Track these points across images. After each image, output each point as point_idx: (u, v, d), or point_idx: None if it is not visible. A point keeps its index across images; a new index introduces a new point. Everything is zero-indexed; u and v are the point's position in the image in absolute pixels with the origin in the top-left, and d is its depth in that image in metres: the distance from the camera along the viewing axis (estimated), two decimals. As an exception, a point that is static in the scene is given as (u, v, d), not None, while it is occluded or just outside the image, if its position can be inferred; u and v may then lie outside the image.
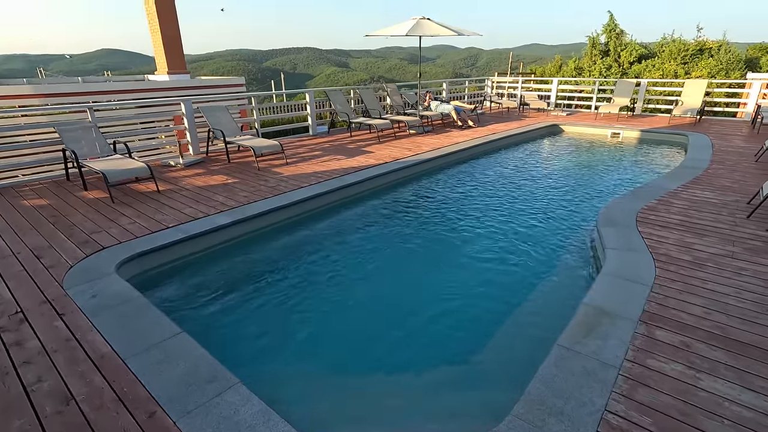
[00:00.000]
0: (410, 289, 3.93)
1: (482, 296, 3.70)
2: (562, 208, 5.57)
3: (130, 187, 5.68)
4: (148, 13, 11.98)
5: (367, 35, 9.00)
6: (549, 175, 7.15)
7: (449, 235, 4.93)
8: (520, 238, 4.72)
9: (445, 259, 4.45)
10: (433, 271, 4.25)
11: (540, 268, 4.11)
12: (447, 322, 3.36)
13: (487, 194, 6.19)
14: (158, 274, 3.94)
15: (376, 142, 8.71)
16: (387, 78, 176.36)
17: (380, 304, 3.71)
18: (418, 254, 4.58)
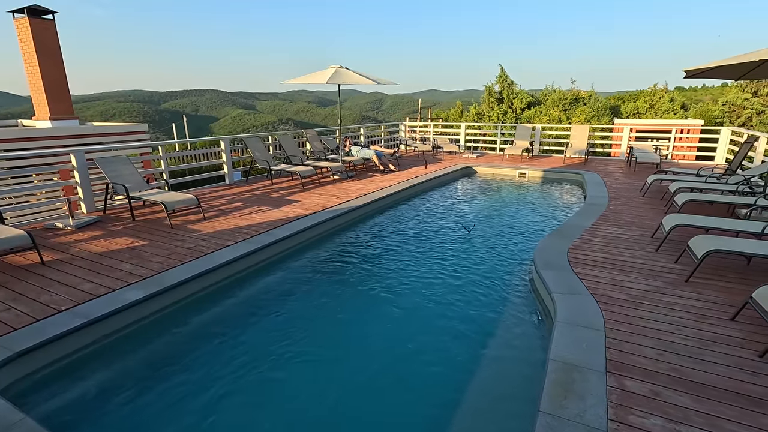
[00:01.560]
0: (345, 366, 3.58)
1: (430, 362, 3.46)
2: (496, 251, 5.74)
3: (2, 260, 4.60)
4: (24, 52, 10.47)
5: (285, 82, 8.83)
6: (475, 216, 7.43)
7: (389, 294, 4.70)
8: (462, 289, 4.67)
9: (385, 324, 4.16)
10: (374, 339, 3.96)
11: (488, 319, 4.06)
12: (395, 399, 3.07)
13: (419, 241, 6.17)
14: (50, 376, 3.10)
15: (301, 189, 8.38)
16: (295, 120, 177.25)
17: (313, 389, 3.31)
18: (359, 319, 4.28)
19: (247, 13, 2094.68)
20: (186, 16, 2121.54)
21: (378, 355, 3.55)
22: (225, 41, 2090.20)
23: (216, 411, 2.85)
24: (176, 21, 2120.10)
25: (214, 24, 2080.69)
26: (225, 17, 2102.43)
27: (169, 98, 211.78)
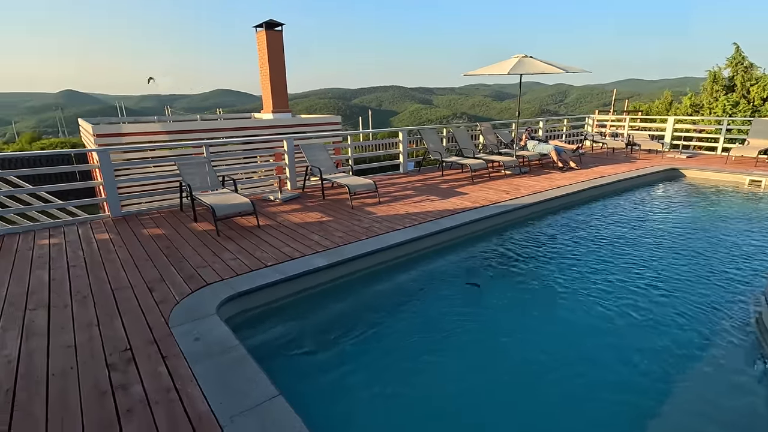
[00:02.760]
0: (515, 368, 3.37)
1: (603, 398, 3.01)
2: (707, 275, 4.63)
3: (234, 220, 5.90)
4: (260, 58, 13.17)
5: (465, 74, 8.83)
6: (676, 229, 6.14)
7: (563, 300, 4.28)
8: (654, 316, 3.92)
9: (551, 342, 3.79)
10: (535, 352, 3.64)
11: (690, 358, 3.31)
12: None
13: (601, 249, 5.42)
14: (255, 316, 3.85)
15: (470, 182, 8.32)
16: (470, 114, 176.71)
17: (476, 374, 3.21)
18: (522, 320, 4.01)
19: (437, 9, 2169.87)
20: (379, 16, 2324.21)
21: (540, 372, 3.28)
22: (412, 38, 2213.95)
23: (369, 368, 3.10)
24: (370, 23, 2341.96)
25: (404, 20, 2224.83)
26: (415, 15, 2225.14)
27: (358, 94, 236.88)
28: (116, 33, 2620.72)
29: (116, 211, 6.24)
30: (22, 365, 2.77)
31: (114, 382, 2.59)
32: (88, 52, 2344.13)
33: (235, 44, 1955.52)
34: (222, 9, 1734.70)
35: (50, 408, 2.38)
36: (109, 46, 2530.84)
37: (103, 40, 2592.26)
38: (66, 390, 2.53)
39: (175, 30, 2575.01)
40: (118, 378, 2.63)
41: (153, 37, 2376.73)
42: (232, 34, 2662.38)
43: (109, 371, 2.69)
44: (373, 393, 2.99)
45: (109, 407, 2.38)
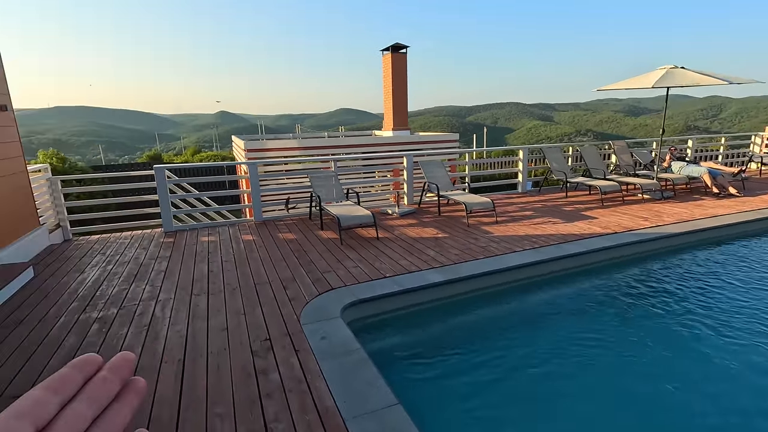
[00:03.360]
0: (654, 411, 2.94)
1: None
2: None
3: (355, 231, 6.30)
4: (384, 78, 13.97)
5: (599, 89, 8.17)
6: None
7: (708, 348, 3.62)
8: None
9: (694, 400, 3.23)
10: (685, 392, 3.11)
11: None
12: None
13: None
14: (373, 323, 4.04)
15: (599, 206, 7.60)
16: (596, 132, 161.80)
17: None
18: (653, 363, 3.48)
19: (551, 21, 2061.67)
20: (493, 33, 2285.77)
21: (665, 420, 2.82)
22: (531, 52, 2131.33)
23: (482, 388, 2.99)
24: (490, 42, 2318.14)
25: (523, 35, 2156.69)
26: (530, 30, 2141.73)
27: (473, 112, 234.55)
28: (258, 60, 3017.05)
29: (258, 216, 7.14)
30: (189, 341, 3.32)
31: (257, 367, 2.94)
32: (236, 78, 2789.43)
33: (356, 66, 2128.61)
34: (347, 34, 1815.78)
35: (209, 380, 2.81)
36: (252, 71, 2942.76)
37: (247, 66, 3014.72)
38: (220, 367, 2.96)
39: (304, 54, 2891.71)
40: (260, 363, 2.99)
41: (288, 62, 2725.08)
42: (355, 56, 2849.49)
43: (253, 356, 3.08)
44: (486, 414, 2.89)
45: (252, 388, 2.72)
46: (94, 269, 5.04)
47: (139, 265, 5.12)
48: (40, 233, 5.82)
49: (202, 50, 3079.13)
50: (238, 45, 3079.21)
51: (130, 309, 3.92)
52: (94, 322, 3.68)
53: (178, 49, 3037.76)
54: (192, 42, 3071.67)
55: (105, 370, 0.33)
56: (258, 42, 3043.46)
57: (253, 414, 2.48)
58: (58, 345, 3.30)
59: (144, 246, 5.93)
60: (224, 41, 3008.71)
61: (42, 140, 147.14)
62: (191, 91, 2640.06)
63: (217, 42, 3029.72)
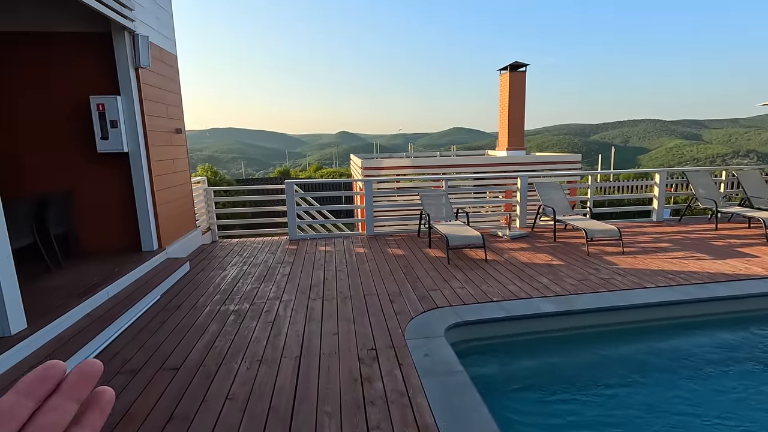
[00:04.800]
0: None
1: None
2: None
3: (463, 251, 6.25)
4: (501, 97, 13.71)
5: (764, 104, 6.89)
6: None
7: None
8: None
9: None
10: None
11: None
12: None
13: None
14: (478, 348, 3.94)
15: (763, 243, 6.33)
16: (760, 153, 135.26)
17: None
18: None
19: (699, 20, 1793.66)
20: (626, 46, 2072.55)
21: None
22: (672, 63, 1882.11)
23: None
24: (615, 54, 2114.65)
25: (659, 49, 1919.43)
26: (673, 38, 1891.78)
27: (599, 130, 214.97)
28: (374, 81, 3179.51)
29: (370, 230, 7.53)
30: (305, 340, 3.65)
31: (363, 374, 3.10)
32: (357, 100, 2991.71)
33: (471, 85, 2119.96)
34: (463, 51, 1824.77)
35: (320, 379, 3.05)
36: (370, 93, 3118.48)
37: (368, 87, 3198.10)
38: (330, 369, 3.19)
39: (418, 75, 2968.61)
40: (366, 371, 3.15)
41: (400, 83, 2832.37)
42: (469, 75, 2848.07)
43: (360, 363, 3.26)
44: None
45: (358, 393, 2.87)
46: (233, 268, 5.85)
47: (268, 268, 5.79)
48: (195, 234, 6.98)
49: (328, 72, 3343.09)
50: (359, 66, 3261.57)
51: (259, 305, 4.46)
52: (231, 314, 4.27)
53: (306, 70, 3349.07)
54: (320, 65, 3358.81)
55: (68, 382, 0.31)
56: (377, 63, 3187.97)
57: (357, 418, 2.61)
58: (203, 330, 3.91)
59: (273, 251, 6.70)
60: (346, 63, 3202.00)
61: (200, 156, 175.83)
62: (316, 113, 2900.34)
63: (340, 64, 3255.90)
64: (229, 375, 3.13)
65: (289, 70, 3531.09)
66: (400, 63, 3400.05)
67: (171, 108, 6.29)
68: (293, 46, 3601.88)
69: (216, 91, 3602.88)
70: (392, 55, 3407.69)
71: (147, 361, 3.37)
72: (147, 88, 5.50)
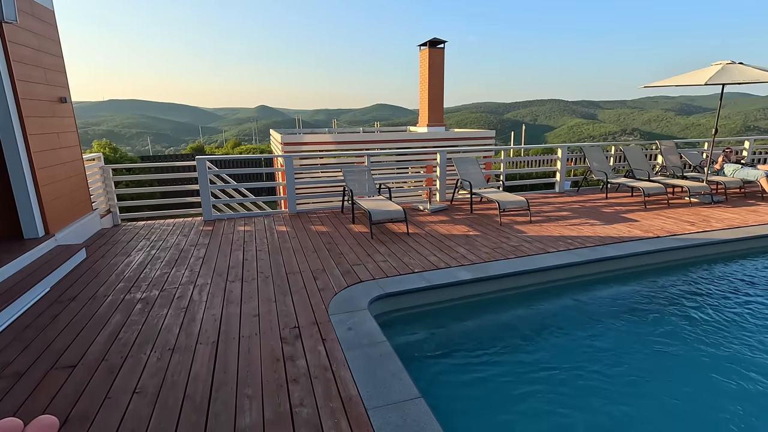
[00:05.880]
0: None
1: None
2: None
3: (386, 225, 6.34)
4: (421, 74, 13.89)
5: (645, 86, 7.78)
6: None
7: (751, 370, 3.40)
8: None
9: None
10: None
11: None
12: None
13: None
14: (400, 317, 4.07)
15: (642, 208, 7.27)
16: (643, 131, 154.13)
17: None
18: (689, 377, 3.31)
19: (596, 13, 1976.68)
20: (536, 30, 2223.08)
21: None
22: (575, 48, 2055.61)
23: (505, 389, 2.96)
24: (528, 36, 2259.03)
25: (562, 33, 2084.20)
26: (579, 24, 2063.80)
27: (512, 108, 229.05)
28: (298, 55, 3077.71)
29: (292, 208, 7.32)
30: (223, 324, 3.47)
31: (285, 353, 3.05)
32: (277, 73, 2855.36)
33: (394, 61, 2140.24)
34: (388, 29, 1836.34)
35: (240, 363, 2.94)
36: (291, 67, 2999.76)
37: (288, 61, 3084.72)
38: (250, 351, 3.08)
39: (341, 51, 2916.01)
40: (288, 350, 3.09)
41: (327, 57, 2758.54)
42: (393, 52, 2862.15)
43: (282, 342, 3.19)
44: (506, 415, 2.86)
45: (280, 372, 2.82)
46: (140, 253, 5.35)
47: (180, 251, 5.39)
48: (92, 217, 6.23)
49: (244, 44, 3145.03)
50: (279, 40, 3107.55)
51: (170, 291, 4.14)
52: (138, 302, 3.91)
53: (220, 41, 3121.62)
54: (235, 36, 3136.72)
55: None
56: (298, 37, 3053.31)
57: (279, 397, 2.57)
58: (105, 322, 3.54)
59: (185, 233, 6.23)
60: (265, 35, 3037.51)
61: (97, 131, 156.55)
62: (232, 85, 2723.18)
63: (259, 37, 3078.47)
64: (137, 367, 2.89)
65: (201, 39, 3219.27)
66: (321, 37, 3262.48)
67: (51, 73, 5.43)
68: (204, 13, 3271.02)
69: (114, 59, 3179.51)
70: (313, 29, 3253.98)
71: (35, 361, 2.97)
72: (16, 48, 4.67)
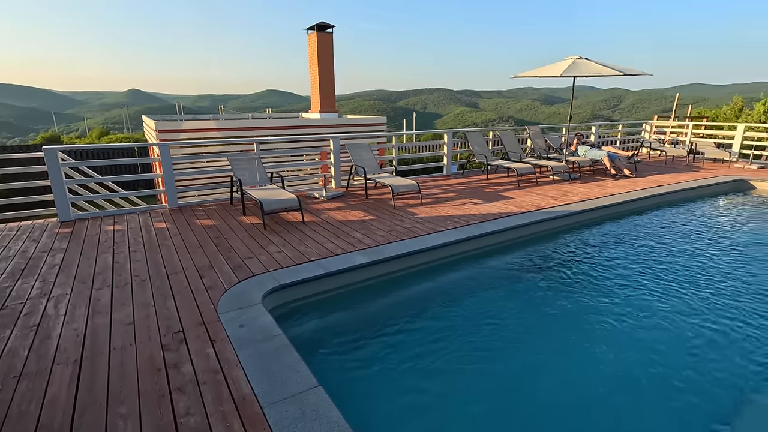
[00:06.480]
0: (556, 370, 3.25)
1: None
2: None
3: (280, 215, 6.10)
4: (310, 59, 13.54)
5: (515, 76, 8.63)
6: (744, 245, 5.67)
7: (613, 313, 4.08)
8: (712, 334, 3.66)
9: (592, 351, 3.64)
10: (574, 363, 3.49)
11: (746, 371, 3.06)
12: None
13: (654, 263, 5.11)
14: (298, 308, 3.96)
15: (516, 187, 8.11)
16: (516, 119, 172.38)
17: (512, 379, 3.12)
18: (568, 327, 3.85)
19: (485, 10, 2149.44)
20: (427, 20, 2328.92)
21: (572, 386, 3.15)
22: (459, 40, 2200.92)
23: (405, 367, 3.10)
24: (418, 25, 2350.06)
25: (453, 22, 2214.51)
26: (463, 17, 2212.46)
27: (403, 96, 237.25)
28: (175, 35, 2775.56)
29: (173, 202, 6.63)
30: (88, 338, 3.00)
31: (167, 361, 2.75)
32: (152, 54, 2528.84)
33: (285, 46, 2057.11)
34: (273, 12, 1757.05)
35: (111, 379, 2.57)
36: (170, 47, 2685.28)
37: (164, 41, 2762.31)
38: (124, 364, 2.72)
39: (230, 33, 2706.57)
40: (171, 357, 2.79)
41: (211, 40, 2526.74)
42: (284, 37, 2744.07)
43: (163, 350, 2.87)
44: (408, 391, 2.99)
45: (162, 383, 2.54)
46: (-31, 266, 4.36)
47: (28, 259, 4.52)
48: None
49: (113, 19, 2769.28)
50: (155, 17, 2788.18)
51: (14, 309, 3.45)
52: (-32, 325, 3.19)
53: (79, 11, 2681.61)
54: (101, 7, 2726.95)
55: None
56: (178, 15, 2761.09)
57: (161, 410, 2.31)
58: None
59: (34, 238, 5.24)
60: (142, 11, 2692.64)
61: None
62: (95, 67, 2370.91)
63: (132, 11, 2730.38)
64: (-33, 405, 2.35)
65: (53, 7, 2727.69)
66: (208, 17, 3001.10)
67: None
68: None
69: None
70: (198, 10, 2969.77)
71: None
72: None
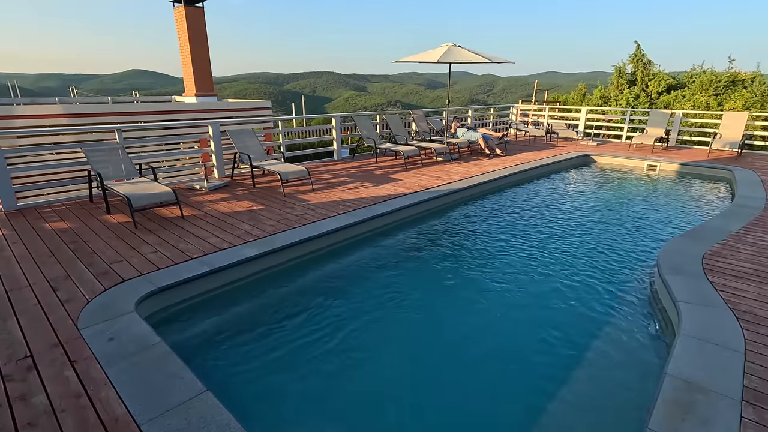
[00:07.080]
0: (442, 344, 3.55)
1: (517, 364, 3.25)
2: (612, 249, 5.15)
3: (154, 211, 5.49)
4: (179, 36, 12.19)
5: (396, 61, 8.89)
6: (589, 210, 6.75)
7: (488, 284, 4.54)
8: (565, 286, 4.31)
9: (471, 316, 4.06)
10: (455, 329, 3.86)
11: (593, 321, 3.68)
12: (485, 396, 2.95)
13: (521, 230, 5.81)
14: (180, 311, 3.64)
15: (403, 169, 8.46)
16: (403, 102, 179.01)
17: (411, 354, 3.33)
18: (452, 300, 4.20)
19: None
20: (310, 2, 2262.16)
21: (456, 348, 3.47)
22: (347, 23, 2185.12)
23: (302, 359, 3.08)
24: (301, 6, 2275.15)
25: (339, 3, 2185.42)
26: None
27: (291, 80, 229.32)
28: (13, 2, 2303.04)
29: (10, 204, 5.51)
30: None
31: (10, 394, 2.31)
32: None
33: (154, 18, 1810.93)
34: None
35: (-71, 429, 2.08)
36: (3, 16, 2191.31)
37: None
38: (-51, 407, 2.21)
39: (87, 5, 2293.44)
40: (15, 389, 2.35)
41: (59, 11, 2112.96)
42: (151, 6, 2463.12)
43: (4, 381, 2.40)
44: (305, 384, 2.96)
45: (5, 421, 2.13)
46: None
47: None
48: None
49: None
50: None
51: None
52: None
53: None
54: None
55: None
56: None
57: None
58: None
59: None
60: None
61: None
62: None
63: None
64: None
65: None
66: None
67: None
68: None
69: None
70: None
71: None
72: None
